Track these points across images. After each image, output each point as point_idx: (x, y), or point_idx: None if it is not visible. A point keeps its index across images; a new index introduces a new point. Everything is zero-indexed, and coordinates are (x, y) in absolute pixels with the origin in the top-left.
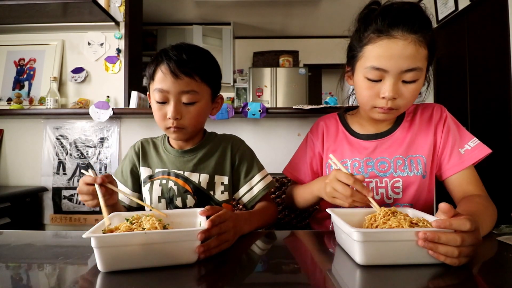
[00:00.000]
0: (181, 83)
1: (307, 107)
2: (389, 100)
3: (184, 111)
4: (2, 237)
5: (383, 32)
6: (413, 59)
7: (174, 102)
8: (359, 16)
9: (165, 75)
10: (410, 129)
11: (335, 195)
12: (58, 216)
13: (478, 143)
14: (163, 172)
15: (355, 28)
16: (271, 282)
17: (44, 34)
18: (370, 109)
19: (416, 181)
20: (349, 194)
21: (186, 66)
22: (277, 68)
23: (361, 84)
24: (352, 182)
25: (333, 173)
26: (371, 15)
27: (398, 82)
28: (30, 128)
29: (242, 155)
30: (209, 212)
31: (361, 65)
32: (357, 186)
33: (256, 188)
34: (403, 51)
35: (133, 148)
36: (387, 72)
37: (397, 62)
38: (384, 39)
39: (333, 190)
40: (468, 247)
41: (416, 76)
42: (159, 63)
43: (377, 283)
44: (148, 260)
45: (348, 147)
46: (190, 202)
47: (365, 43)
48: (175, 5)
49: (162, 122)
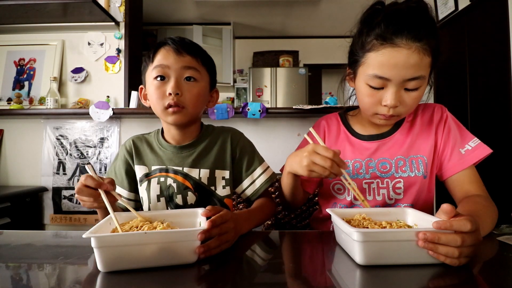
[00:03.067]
0: (183, 60)
1: (307, 107)
2: (391, 108)
3: (184, 88)
4: (2, 237)
5: (387, 39)
6: (417, 68)
7: (175, 77)
8: (362, 18)
9: (168, 52)
10: (411, 130)
11: (313, 168)
12: (58, 216)
13: (478, 143)
14: (160, 169)
15: (358, 30)
16: (271, 282)
17: (44, 34)
18: (372, 115)
19: (417, 182)
20: (329, 165)
21: (189, 46)
22: (277, 68)
23: (363, 91)
24: (332, 155)
25: (310, 146)
26: (374, 18)
27: (401, 90)
28: (30, 128)
29: (243, 148)
30: (211, 212)
31: (363, 71)
32: (336, 158)
33: (258, 181)
34: (407, 60)
35: (124, 147)
36: (389, 81)
37: (400, 71)
38: (388, 47)
39: (311, 162)
40: (468, 247)
41: (418, 84)
42: (161, 45)
43: (377, 283)
44: (148, 260)
45: (349, 148)
46: (191, 199)
47: (368, 50)
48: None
49: (161, 101)
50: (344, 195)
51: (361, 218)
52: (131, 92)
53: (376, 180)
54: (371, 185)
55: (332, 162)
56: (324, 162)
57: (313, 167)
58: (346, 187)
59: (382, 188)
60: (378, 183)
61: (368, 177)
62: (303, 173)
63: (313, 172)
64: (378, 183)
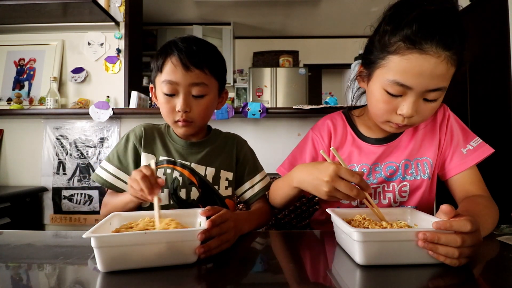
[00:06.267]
0: (191, 75)
1: (307, 107)
2: (406, 118)
3: (193, 103)
4: (2, 237)
5: (415, 44)
6: (442, 79)
7: (184, 94)
8: (388, 13)
9: (176, 67)
10: (416, 132)
11: (335, 194)
12: (58, 216)
13: (480, 143)
14: (168, 161)
15: (380, 27)
16: (271, 282)
17: (44, 34)
18: (383, 122)
19: (423, 184)
20: (355, 194)
21: (196, 58)
22: (277, 68)
23: (378, 96)
24: (358, 180)
25: (332, 169)
26: (404, 16)
27: (419, 100)
28: (30, 128)
29: (246, 155)
30: (210, 212)
31: (381, 74)
32: (362, 184)
33: (257, 186)
34: (434, 70)
35: (133, 132)
36: (410, 89)
37: (425, 81)
38: (415, 53)
39: (334, 189)
40: (468, 248)
41: (439, 95)
42: (169, 54)
43: (377, 283)
44: (148, 260)
45: (356, 151)
46: (194, 194)
47: (391, 51)
48: (175, 5)
49: (170, 116)
50: None
51: (361, 218)
52: (131, 92)
53: (382, 185)
54: (377, 190)
55: (358, 190)
56: (350, 191)
57: (335, 194)
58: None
59: (388, 192)
60: (384, 187)
61: (375, 182)
62: (321, 197)
63: (334, 197)
64: (384, 187)
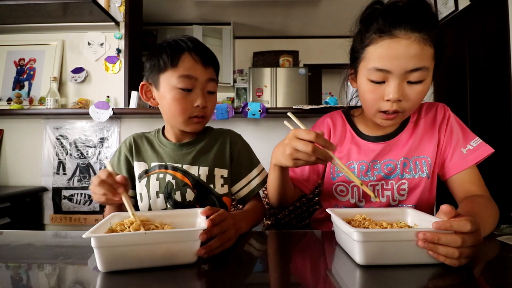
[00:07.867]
0: (209, 71)
1: (307, 107)
2: (394, 102)
3: (208, 99)
4: (2, 237)
5: (385, 32)
6: (418, 58)
7: (202, 90)
8: (361, 16)
9: (196, 62)
10: (415, 130)
11: (296, 155)
12: (58, 216)
13: (480, 142)
14: (159, 166)
15: (357, 29)
16: (271, 282)
17: (44, 34)
18: (375, 114)
19: (421, 183)
20: (311, 150)
21: (210, 56)
22: (277, 68)
23: (365, 87)
24: (314, 137)
25: (291, 132)
26: (373, 15)
27: (403, 83)
28: (30, 128)
29: (241, 150)
30: (209, 212)
31: (363, 67)
32: (320, 141)
33: (253, 182)
34: (407, 51)
35: (124, 144)
36: (390, 73)
37: (401, 62)
38: (386, 39)
39: (294, 150)
40: (468, 248)
41: (422, 76)
42: (184, 50)
43: (377, 283)
44: (148, 260)
45: (355, 149)
46: (190, 195)
47: (367, 44)
48: (175, 5)
49: (186, 112)
50: (347, 197)
51: (361, 218)
52: (131, 92)
53: (381, 182)
54: (376, 187)
55: (314, 146)
56: (306, 148)
57: (296, 155)
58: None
59: (386, 189)
60: (383, 185)
61: (374, 180)
62: (287, 164)
63: (298, 160)
64: (382, 185)
